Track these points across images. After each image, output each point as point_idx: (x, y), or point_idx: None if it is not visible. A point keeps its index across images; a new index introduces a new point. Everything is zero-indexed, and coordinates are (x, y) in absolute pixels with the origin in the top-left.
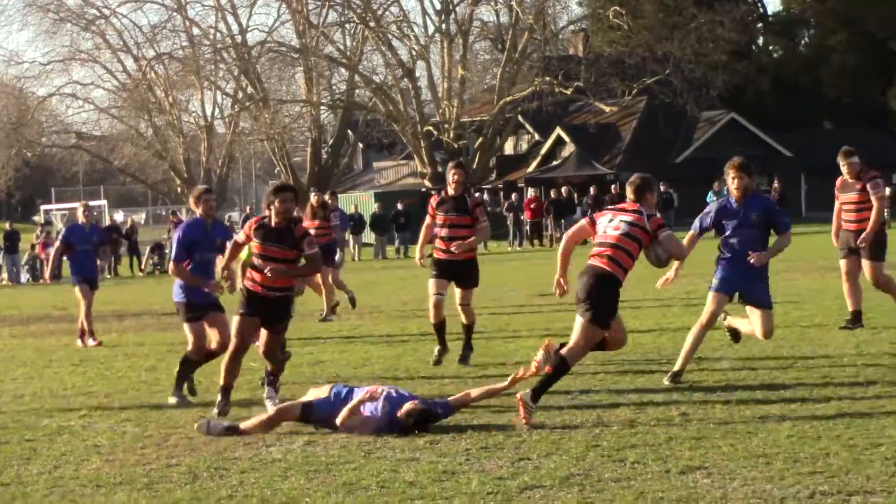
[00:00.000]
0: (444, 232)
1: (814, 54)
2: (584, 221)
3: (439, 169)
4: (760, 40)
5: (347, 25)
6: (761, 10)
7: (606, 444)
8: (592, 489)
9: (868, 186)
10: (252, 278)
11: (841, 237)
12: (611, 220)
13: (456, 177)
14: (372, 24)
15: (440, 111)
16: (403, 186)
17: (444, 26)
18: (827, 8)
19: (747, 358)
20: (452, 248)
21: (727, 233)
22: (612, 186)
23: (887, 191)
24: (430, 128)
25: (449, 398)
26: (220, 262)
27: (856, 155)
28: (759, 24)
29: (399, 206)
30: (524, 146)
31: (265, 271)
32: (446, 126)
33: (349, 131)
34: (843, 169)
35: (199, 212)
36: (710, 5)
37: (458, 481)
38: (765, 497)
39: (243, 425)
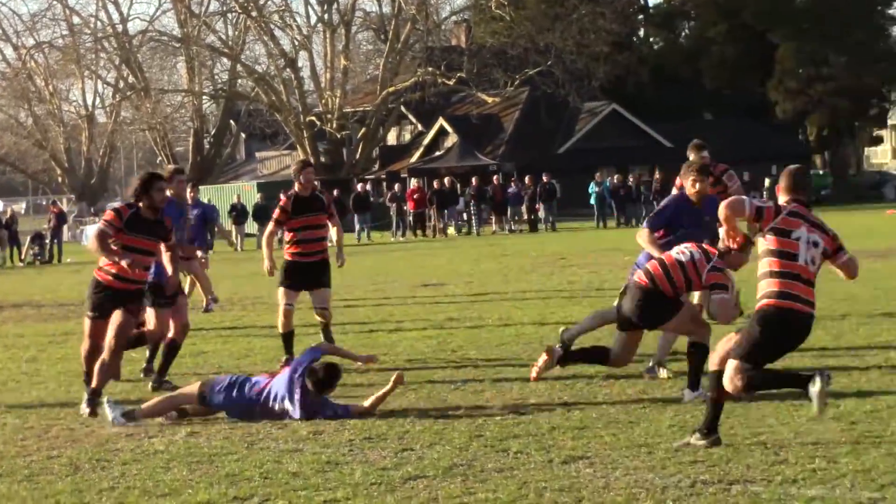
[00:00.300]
0: (300, 235)
1: (694, 46)
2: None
3: (323, 159)
4: (641, 32)
5: (229, 15)
6: (642, 1)
7: (489, 435)
8: (475, 479)
9: (724, 178)
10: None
11: None
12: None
13: (307, 176)
14: (254, 13)
15: (323, 101)
16: (286, 176)
17: (326, 16)
18: (707, 0)
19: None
20: (339, 265)
21: (678, 233)
22: (495, 177)
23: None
24: (313, 118)
25: (350, 406)
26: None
27: (706, 148)
28: (640, 16)
29: (281, 197)
30: (407, 137)
31: (123, 262)
32: (329, 116)
33: (231, 121)
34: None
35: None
36: None
37: (341, 472)
38: (647, 486)
39: (142, 407)
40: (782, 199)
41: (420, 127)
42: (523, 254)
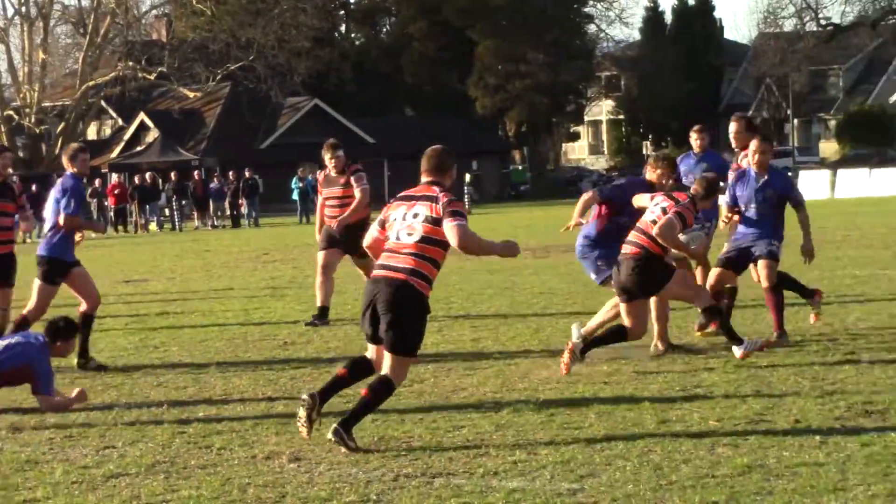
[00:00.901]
0: None
1: (394, 42)
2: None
3: (21, 154)
4: (343, 27)
5: None
6: None
7: (192, 431)
8: (179, 476)
9: (352, 180)
10: None
11: (324, 231)
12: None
13: (4, 161)
14: None
15: (21, 95)
16: None
17: (23, 9)
18: None
19: (335, 346)
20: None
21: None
22: (196, 172)
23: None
24: (11, 112)
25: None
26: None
27: (341, 148)
28: (342, 12)
29: None
30: (108, 131)
31: None
32: (27, 111)
33: None
34: (330, 163)
35: (75, 169)
36: None
37: (41, 471)
38: (350, 481)
39: None
40: None
41: (121, 122)
42: (226, 250)
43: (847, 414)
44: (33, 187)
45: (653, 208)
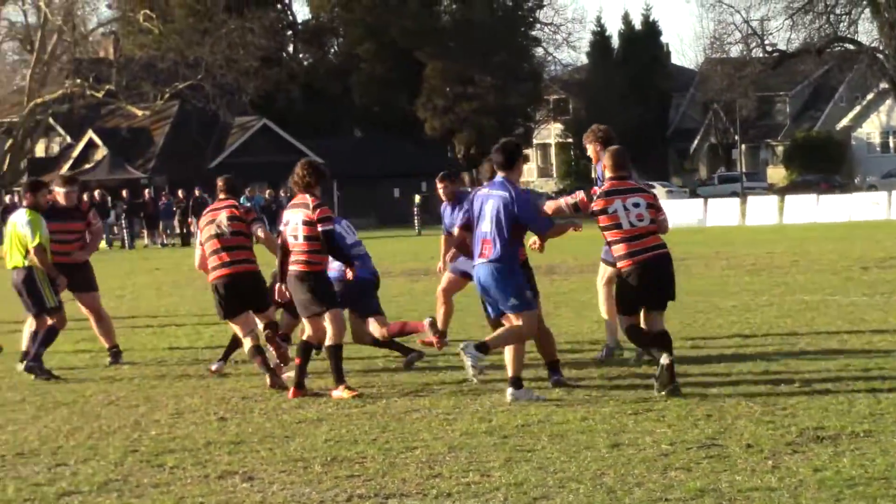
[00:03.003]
0: None
1: (343, 63)
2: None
3: None
4: (291, 48)
5: None
6: (291, 17)
7: (145, 449)
8: (132, 494)
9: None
10: None
11: None
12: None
13: None
14: None
15: None
16: None
17: None
18: (355, 17)
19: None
20: None
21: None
22: (146, 190)
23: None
24: None
25: None
26: None
27: (76, 183)
28: (290, 32)
29: None
30: (56, 149)
31: None
32: None
33: None
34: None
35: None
36: (241, 12)
37: None
38: (304, 500)
39: None
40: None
41: (69, 139)
42: (176, 268)
43: (799, 439)
44: None
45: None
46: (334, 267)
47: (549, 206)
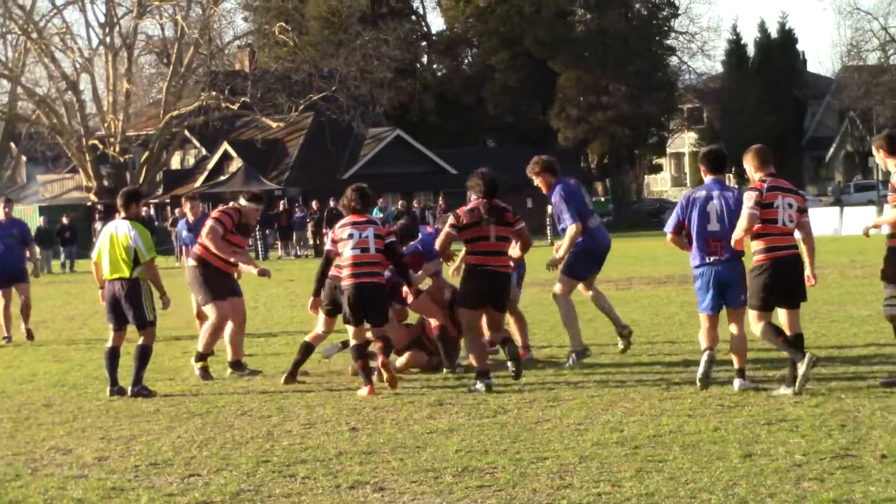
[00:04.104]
0: None
1: (476, 73)
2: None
3: (105, 183)
4: (425, 58)
5: (9, 36)
6: (425, 28)
7: (277, 460)
8: None
9: None
10: None
11: None
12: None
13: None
14: (34, 35)
15: (105, 125)
16: (69, 200)
17: (108, 39)
18: (489, 28)
19: (419, 376)
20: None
21: None
22: (280, 202)
23: None
24: (96, 141)
25: None
26: None
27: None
28: (424, 43)
29: (64, 220)
30: (191, 161)
31: None
32: (112, 140)
33: (12, 143)
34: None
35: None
36: (375, 23)
37: (127, 498)
38: None
39: None
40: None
41: (204, 151)
42: (309, 279)
43: None
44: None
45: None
46: None
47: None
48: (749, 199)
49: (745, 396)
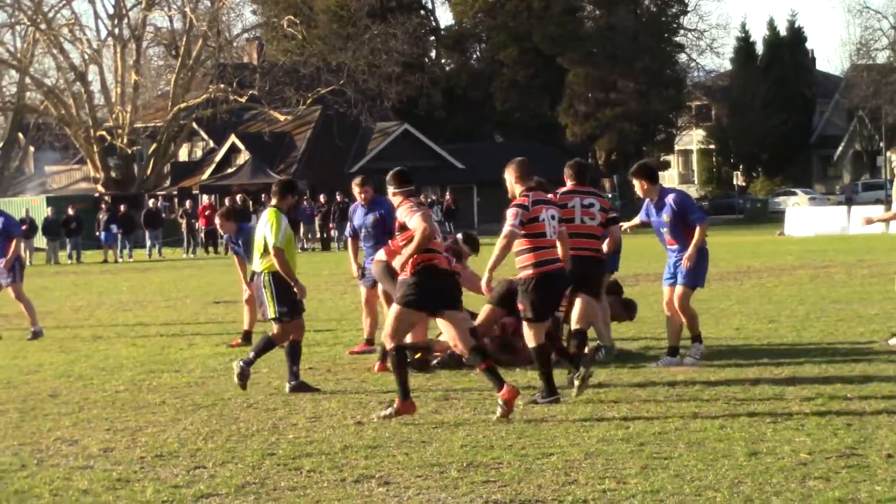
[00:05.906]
0: None
1: (485, 68)
2: None
3: (113, 174)
4: (433, 53)
5: (17, 27)
6: (434, 23)
7: (282, 453)
8: (268, 497)
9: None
10: None
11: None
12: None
13: None
14: (43, 26)
15: (113, 116)
16: (76, 191)
17: (116, 30)
18: (498, 23)
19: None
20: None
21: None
22: None
23: None
24: (104, 132)
25: None
26: None
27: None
28: (432, 38)
29: (70, 211)
30: (199, 153)
31: None
32: (120, 131)
33: (20, 134)
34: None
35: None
36: (384, 17)
37: (132, 489)
38: None
39: None
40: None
41: (212, 143)
42: (316, 272)
43: None
44: (121, 207)
45: None
46: None
47: None
48: (513, 216)
49: (751, 395)
